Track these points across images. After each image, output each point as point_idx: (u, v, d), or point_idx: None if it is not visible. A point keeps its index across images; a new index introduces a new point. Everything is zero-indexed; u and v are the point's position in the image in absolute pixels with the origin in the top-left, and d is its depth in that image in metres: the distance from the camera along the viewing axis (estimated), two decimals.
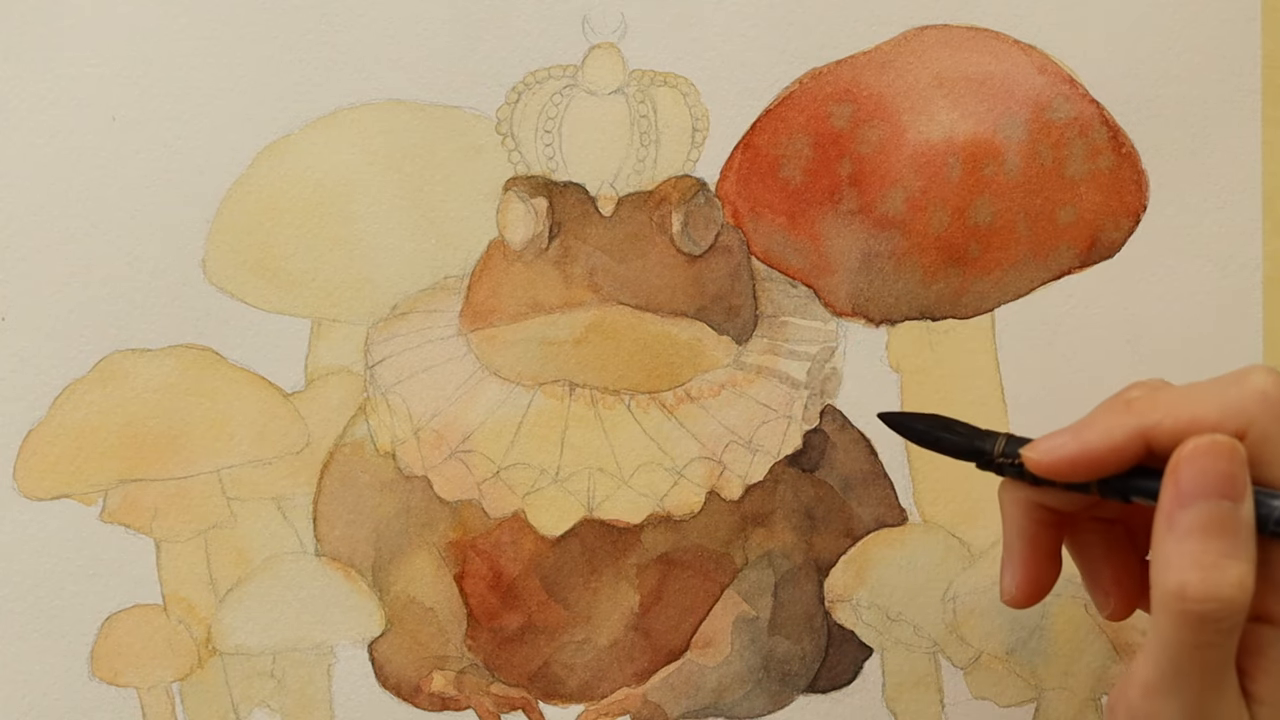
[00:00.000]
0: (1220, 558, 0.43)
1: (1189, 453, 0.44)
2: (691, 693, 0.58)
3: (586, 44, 0.58)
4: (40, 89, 0.57)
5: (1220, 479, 0.44)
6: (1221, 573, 0.43)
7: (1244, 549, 0.44)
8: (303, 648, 0.58)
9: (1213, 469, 0.44)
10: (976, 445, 0.49)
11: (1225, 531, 0.44)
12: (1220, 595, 0.43)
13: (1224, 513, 0.44)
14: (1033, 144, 0.58)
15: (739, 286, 0.58)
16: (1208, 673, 0.44)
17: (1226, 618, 0.43)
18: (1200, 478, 0.44)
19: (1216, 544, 0.44)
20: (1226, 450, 0.44)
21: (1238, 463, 0.44)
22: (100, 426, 0.57)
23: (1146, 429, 0.46)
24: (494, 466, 0.58)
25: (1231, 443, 0.44)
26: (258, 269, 0.58)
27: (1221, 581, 0.43)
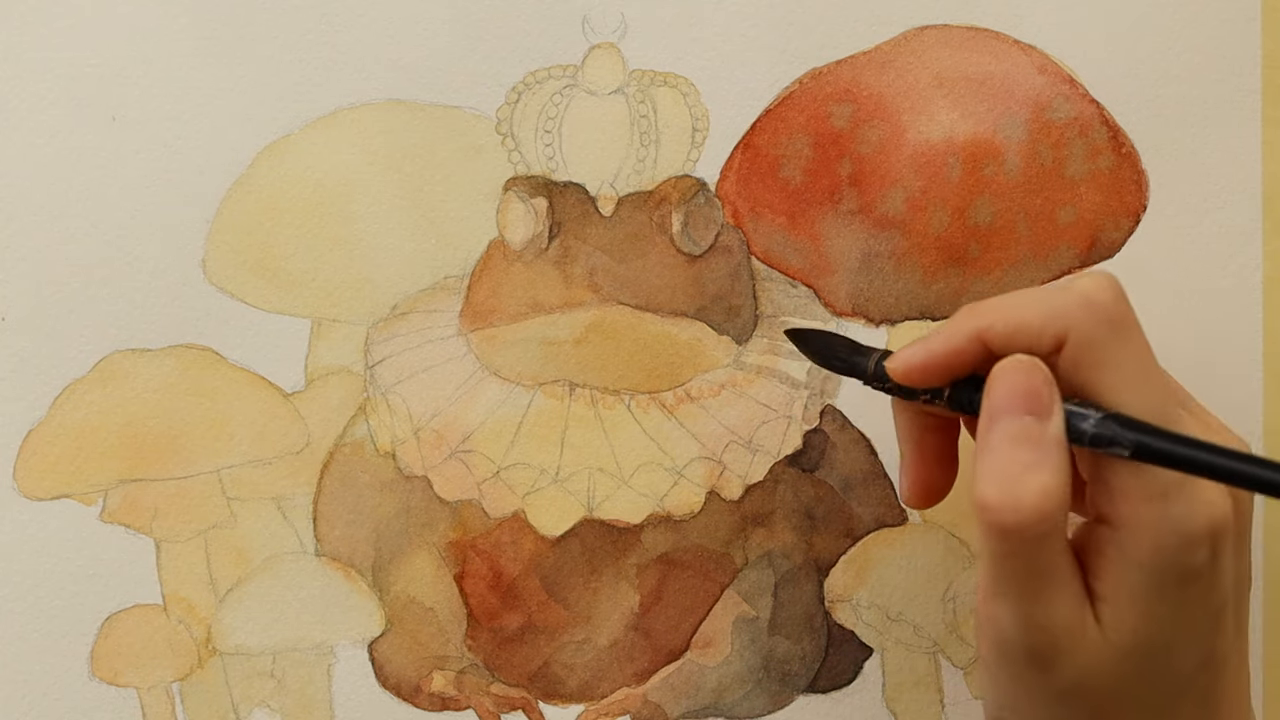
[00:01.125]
0: (1022, 470, 0.45)
1: (997, 373, 0.47)
2: (691, 693, 0.58)
3: (586, 44, 0.58)
4: (40, 89, 0.57)
5: (1024, 396, 0.46)
6: (1021, 485, 0.45)
7: (1049, 461, 0.45)
8: (303, 648, 0.58)
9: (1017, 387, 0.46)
10: (855, 361, 0.51)
11: (1028, 445, 0.45)
12: (1019, 506, 0.45)
13: (1026, 427, 0.46)
14: (1033, 144, 0.58)
15: (739, 286, 0.58)
16: (1030, 579, 0.46)
17: (1030, 527, 0.45)
18: (1006, 396, 0.46)
19: (1019, 457, 0.45)
20: (1028, 368, 0.46)
21: (1039, 380, 0.46)
22: (100, 426, 0.57)
23: (981, 331, 0.48)
24: (494, 466, 0.58)
25: (1033, 362, 0.46)
26: (258, 269, 0.58)
27: (1021, 493, 0.45)
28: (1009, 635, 0.47)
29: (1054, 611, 0.46)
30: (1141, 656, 0.46)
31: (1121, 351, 0.46)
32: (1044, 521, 0.45)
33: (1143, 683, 0.47)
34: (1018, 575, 0.46)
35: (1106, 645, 0.46)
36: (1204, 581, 0.46)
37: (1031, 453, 0.45)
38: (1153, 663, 0.46)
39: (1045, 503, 0.45)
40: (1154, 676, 0.47)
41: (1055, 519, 0.45)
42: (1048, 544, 0.45)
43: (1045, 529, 0.45)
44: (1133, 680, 0.47)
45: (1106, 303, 0.46)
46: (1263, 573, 0.59)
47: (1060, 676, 0.46)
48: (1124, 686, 0.47)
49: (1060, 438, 0.46)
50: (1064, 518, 0.45)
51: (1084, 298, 0.47)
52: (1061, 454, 0.45)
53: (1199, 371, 0.58)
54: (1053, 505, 0.45)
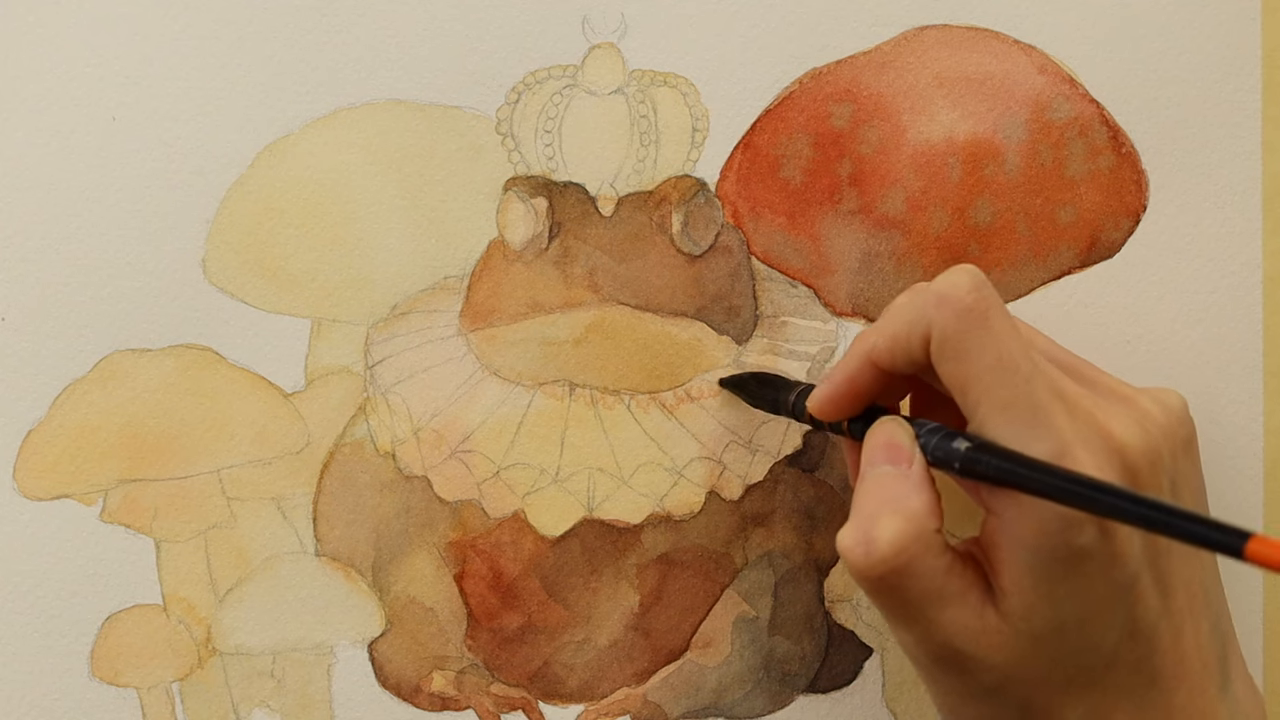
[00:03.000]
0: (877, 514, 0.47)
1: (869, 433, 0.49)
2: (691, 693, 0.58)
3: (586, 44, 0.58)
4: (40, 89, 0.57)
5: (883, 449, 0.48)
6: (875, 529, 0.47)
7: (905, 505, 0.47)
8: (303, 648, 0.58)
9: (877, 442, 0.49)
10: (778, 399, 0.55)
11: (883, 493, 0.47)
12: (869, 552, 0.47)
13: (883, 476, 0.48)
14: (1033, 144, 0.58)
15: (739, 286, 0.58)
16: (909, 607, 0.47)
17: (882, 564, 0.46)
18: (869, 452, 0.49)
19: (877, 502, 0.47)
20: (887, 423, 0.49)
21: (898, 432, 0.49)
22: (100, 426, 0.57)
23: (868, 353, 0.50)
24: (494, 466, 0.58)
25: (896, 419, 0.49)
26: (258, 269, 0.58)
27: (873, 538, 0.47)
28: (916, 654, 0.49)
29: (948, 626, 0.47)
30: (1052, 639, 0.47)
31: (979, 345, 0.47)
32: (896, 557, 0.46)
33: (1061, 664, 0.47)
34: (896, 607, 0.47)
35: (1016, 636, 0.47)
36: (1100, 557, 0.46)
37: (888, 497, 0.47)
38: (1065, 643, 0.47)
39: (894, 541, 0.46)
40: (1074, 655, 0.47)
41: (907, 554, 0.46)
42: (913, 574, 0.46)
43: (901, 563, 0.46)
44: (1049, 663, 0.47)
45: (959, 297, 0.47)
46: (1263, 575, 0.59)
47: (980, 678, 0.47)
48: (1043, 670, 0.47)
49: (919, 479, 0.47)
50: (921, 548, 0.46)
51: (938, 296, 0.48)
52: (920, 493, 0.47)
53: (1199, 371, 0.58)
54: (901, 543, 0.46)
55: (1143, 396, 0.50)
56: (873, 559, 0.46)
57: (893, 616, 0.48)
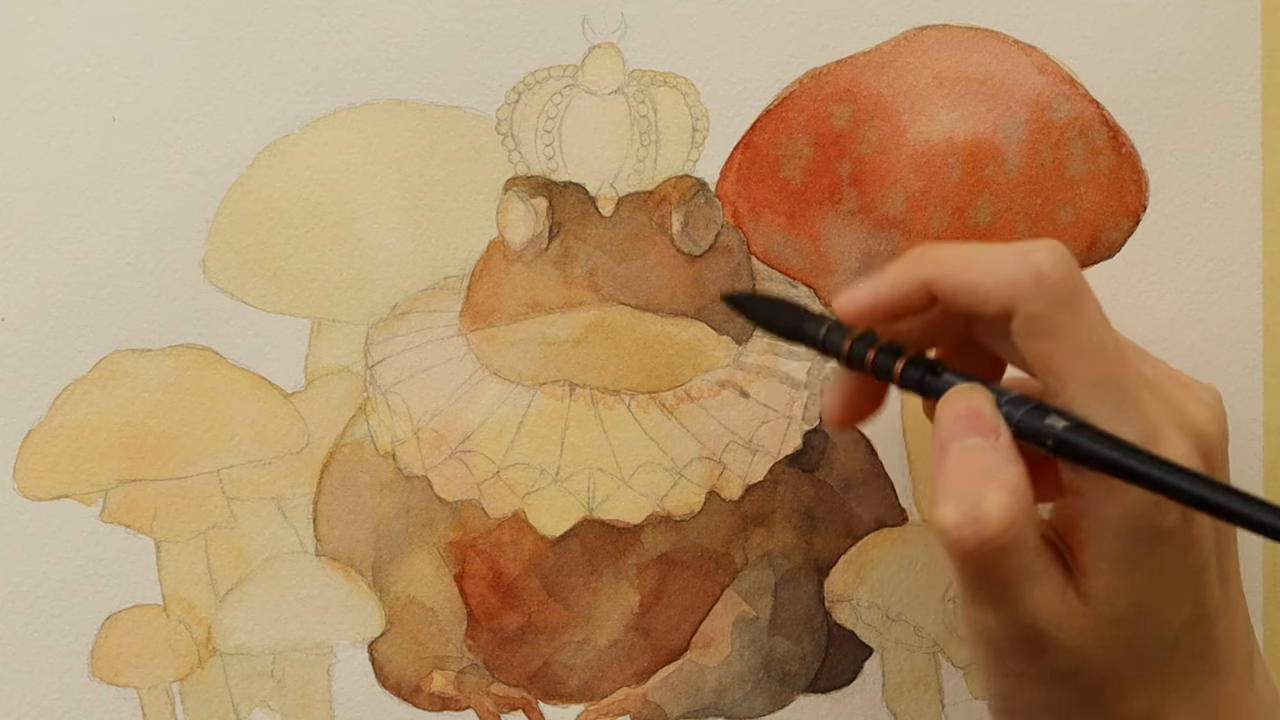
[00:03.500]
0: (978, 490, 0.46)
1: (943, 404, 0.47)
2: (691, 693, 0.58)
3: (586, 44, 0.58)
4: (40, 89, 0.57)
5: (968, 420, 0.47)
6: (981, 501, 0.45)
7: (1001, 475, 0.46)
8: (303, 648, 0.58)
9: (961, 412, 0.47)
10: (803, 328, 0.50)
11: (980, 465, 0.46)
12: (979, 521, 0.45)
13: (975, 448, 0.46)
14: (1033, 144, 0.58)
15: (739, 286, 0.58)
16: (1004, 585, 0.46)
17: (992, 541, 0.45)
18: (952, 423, 0.47)
19: (974, 476, 0.46)
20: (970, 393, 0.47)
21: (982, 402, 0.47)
22: (100, 426, 0.57)
23: (930, 280, 0.48)
24: (494, 466, 0.58)
25: (974, 387, 0.47)
26: (258, 269, 0.58)
27: (979, 509, 0.45)
28: (997, 636, 0.47)
29: (1035, 605, 0.46)
30: (1129, 623, 0.47)
31: (1072, 324, 0.46)
32: (1006, 532, 0.45)
33: (1134, 648, 0.47)
34: (992, 585, 0.46)
35: (1094, 619, 0.46)
36: (1179, 540, 0.46)
37: (984, 469, 0.46)
38: (1141, 627, 0.47)
39: (1004, 516, 0.45)
40: (1144, 640, 0.47)
41: (1017, 528, 0.45)
42: (1015, 551, 0.46)
43: (1008, 540, 0.45)
44: (1124, 647, 0.47)
45: (1059, 279, 0.46)
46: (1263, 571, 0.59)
47: (1055, 661, 0.47)
48: (1117, 654, 0.47)
49: (1009, 451, 0.46)
50: (1027, 523, 0.46)
51: (1036, 273, 0.46)
52: (1014, 466, 0.46)
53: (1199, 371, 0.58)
54: (1011, 517, 0.45)
55: (1197, 387, 0.50)
56: (984, 536, 0.45)
57: (982, 596, 0.47)
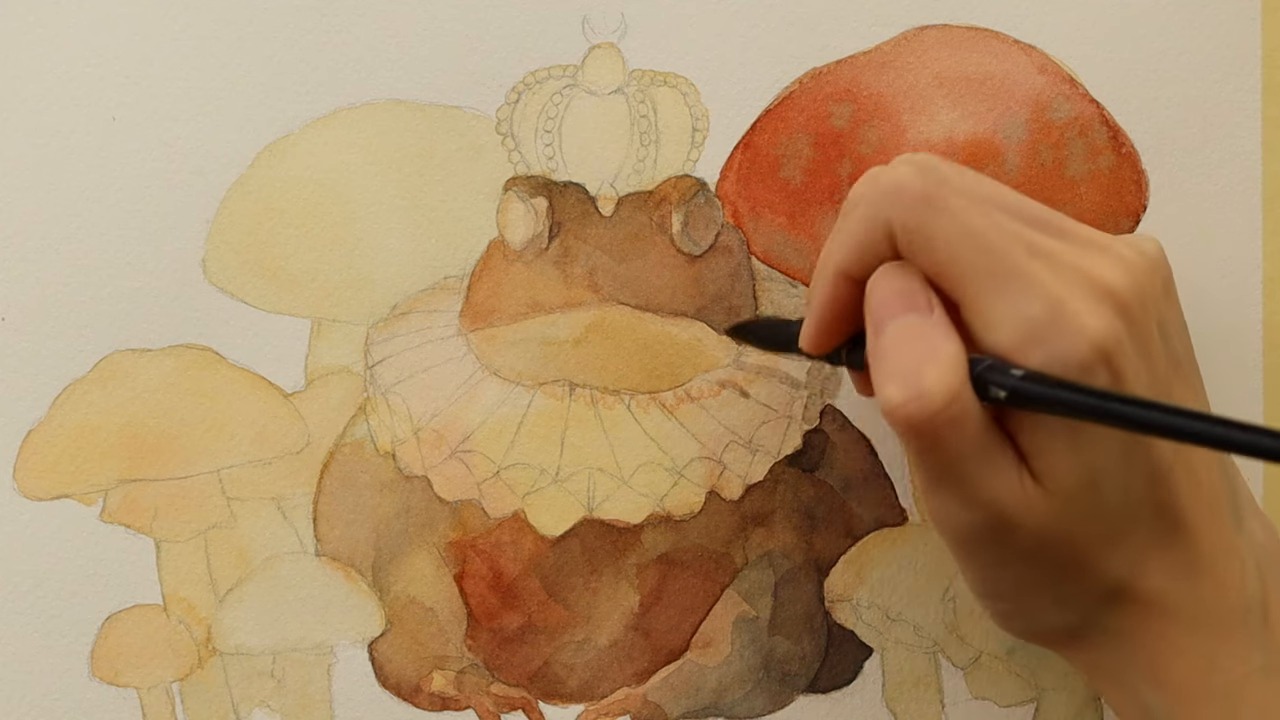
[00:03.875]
0: (917, 364, 0.46)
1: (869, 286, 0.47)
2: (691, 693, 0.58)
3: (586, 44, 0.58)
4: (40, 89, 0.57)
5: (899, 296, 0.47)
6: (919, 376, 0.45)
7: (941, 348, 0.46)
8: (303, 648, 0.58)
9: (890, 290, 0.47)
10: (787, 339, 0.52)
11: (917, 339, 0.46)
12: (921, 395, 0.45)
13: (910, 324, 0.46)
14: (1033, 144, 0.58)
15: (739, 286, 0.58)
16: (959, 463, 0.46)
17: (939, 414, 0.45)
18: (881, 305, 0.47)
19: (910, 352, 0.46)
20: (896, 270, 0.47)
21: (908, 277, 0.47)
22: (100, 426, 0.57)
23: (838, 267, 0.49)
24: (494, 466, 0.58)
25: (900, 264, 0.47)
26: (258, 269, 0.58)
27: (919, 383, 0.45)
28: (959, 520, 0.48)
29: (993, 486, 0.46)
30: (1084, 495, 0.47)
31: (944, 226, 0.46)
32: (952, 404, 0.45)
33: (1095, 518, 0.47)
34: (947, 464, 0.46)
35: (1049, 498, 0.47)
36: None
37: (922, 345, 0.46)
38: (1097, 496, 0.47)
39: (948, 386, 0.45)
40: (1103, 509, 0.47)
41: (962, 400, 0.45)
42: (964, 426, 0.46)
43: (955, 412, 0.45)
44: (1084, 519, 0.47)
45: (912, 187, 0.47)
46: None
47: (1019, 542, 0.47)
48: (1079, 527, 0.47)
49: (945, 324, 0.46)
50: (971, 397, 0.46)
51: (890, 192, 0.47)
52: (951, 339, 0.46)
53: None
54: (955, 387, 0.45)
55: (1118, 243, 0.49)
56: (928, 410, 0.45)
57: (936, 476, 0.47)
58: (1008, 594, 0.50)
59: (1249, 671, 0.48)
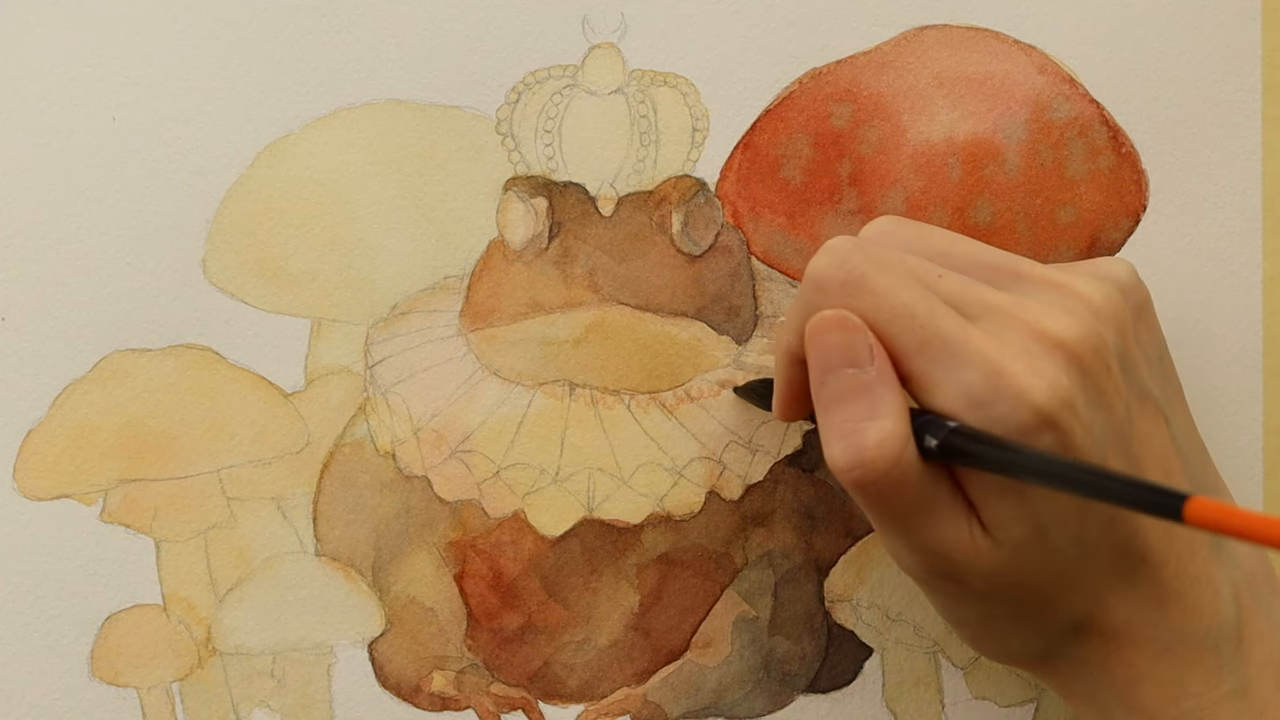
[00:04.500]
0: (858, 421, 0.46)
1: (808, 335, 0.47)
2: (691, 693, 0.58)
3: (586, 44, 0.58)
4: (40, 89, 0.57)
5: (838, 350, 0.46)
6: (861, 437, 0.45)
7: (881, 406, 0.46)
8: (303, 648, 0.58)
9: (828, 344, 0.47)
10: None
11: (858, 395, 0.46)
12: (863, 460, 0.45)
13: (851, 379, 0.46)
14: (1033, 144, 0.58)
15: (739, 286, 0.58)
16: (904, 516, 0.46)
17: (881, 475, 0.45)
18: (822, 355, 0.47)
19: (852, 409, 0.46)
20: (835, 322, 0.47)
21: (849, 329, 0.46)
22: (100, 426, 0.57)
23: (787, 350, 0.49)
24: (494, 466, 0.58)
25: (838, 314, 0.47)
26: (258, 269, 0.58)
27: (862, 445, 0.45)
28: (911, 566, 0.48)
29: (940, 536, 0.46)
30: (1034, 545, 0.47)
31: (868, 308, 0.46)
32: (893, 468, 0.45)
33: (1047, 565, 0.47)
34: (892, 515, 0.47)
35: (998, 547, 0.47)
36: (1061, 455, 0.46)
37: (862, 403, 0.46)
38: (1047, 544, 0.47)
39: (888, 450, 0.45)
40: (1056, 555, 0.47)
41: (902, 459, 0.45)
42: (907, 483, 0.46)
43: (898, 473, 0.45)
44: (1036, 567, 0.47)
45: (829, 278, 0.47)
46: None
47: (972, 584, 0.47)
48: (1030, 575, 0.47)
49: (887, 376, 0.46)
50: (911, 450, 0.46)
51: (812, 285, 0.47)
52: (892, 394, 0.46)
53: (1199, 371, 0.58)
54: (896, 450, 0.45)
55: (1078, 279, 0.48)
56: (874, 472, 0.45)
57: (888, 528, 0.47)
58: (970, 623, 0.50)
59: (1220, 696, 0.48)
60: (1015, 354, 0.46)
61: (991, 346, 0.46)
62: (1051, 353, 0.46)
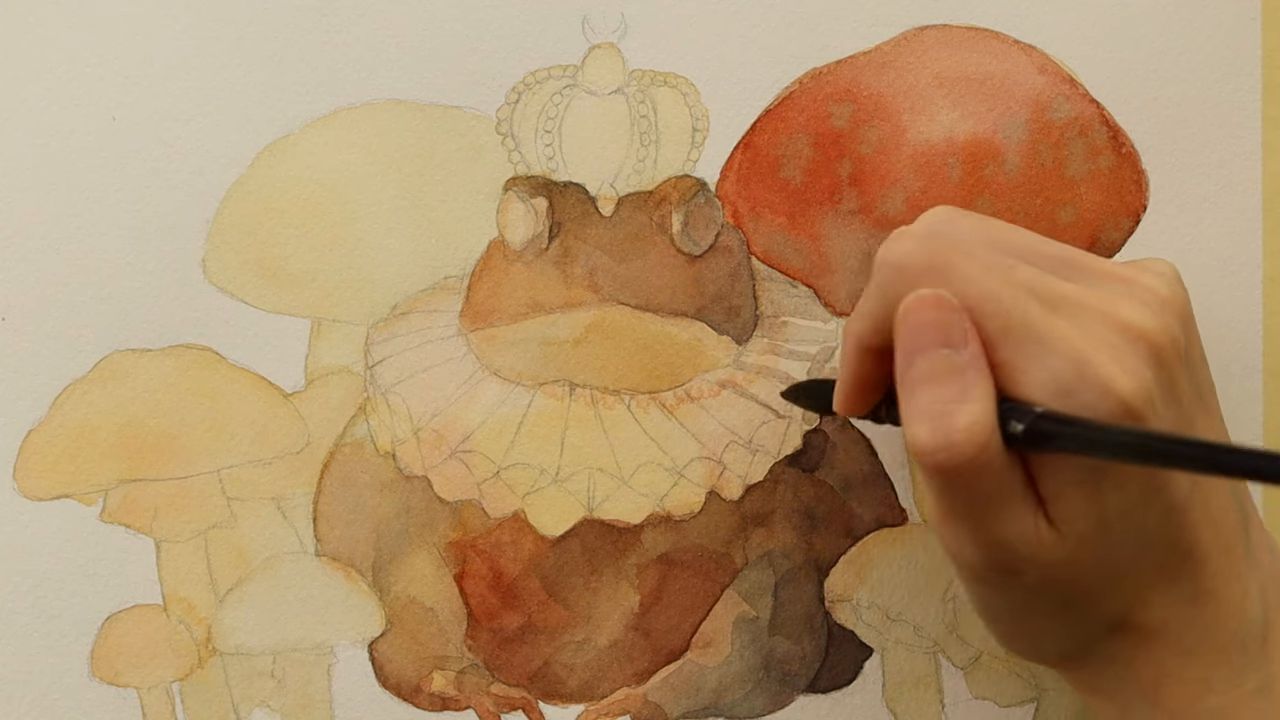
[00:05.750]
0: (948, 404, 0.45)
1: (901, 314, 0.46)
2: (691, 693, 0.58)
3: (586, 44, 0.58)
4: (40, 89, 0.57)
5: (933, 329, 0.46)
6: (951, 420, 0.45)
7: (973, 390, 0.45)
8: (303, 648, 0.58)
9: (924, 322, 0.46)
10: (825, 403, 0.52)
11: (951, 378, 0.45)
12: (951, 443, 0.45)
13: (943, 361, 0.45)
14: (1033, 144, 0.58)
15: (739, 286, 0.58)
16: (976, 505, 0.46)
17: (966, 462, 0.45)
18: (915, 333, 0.46)
19: (943, 391, 0.45)
20: (933, 302, 0.46)
21: (947, 310, 0.46)
22: (100, 426, 0.57)
23: (858, 343, 0.49)
24: (494, 466, 0.58)
25: (937, 293, 0.46)
26: (258, 269, 0.58)
27: (951, 428, 0.45)
28: (970, 556, 0.47)
29: (1007, 528, 0.46)
30: (1096, 539, 0.46)
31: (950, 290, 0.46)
32: (981, 453, 0.45)
33: (1104, 559, 0.47)
34: (965, 504, 0.46)
35: (1062, 540, 0.46)
36: None
37: (954, 385, 0.45)
38: (1109, 539, 0.47)
39: (977, 435, 0.45)
40: (1113, 550, 0.47)
41: (990, 446, 0.45)
42: (988, 469, 0.45)
43: (984, 458, 0.45)
44: (1096, 559, 0.47)
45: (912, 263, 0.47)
46: None
47: (1027, 579, 0.47)
48: (1087, 568, 0.47)
49: (979, 361, 0.46)
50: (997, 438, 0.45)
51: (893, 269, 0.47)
52: (983, 379, 0.45)
53: None
54: (985, 434, 0.45)
55: (1141, 273, 0.48)
56: (958, 459, 0.45)
57: (957, 515, 0.47)
58: (1007, 619, 0.50)
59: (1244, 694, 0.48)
60: (1099, 344, 0.45)
61: (1077, 336, 0.45)
62: (1134, 344, 0.46)
